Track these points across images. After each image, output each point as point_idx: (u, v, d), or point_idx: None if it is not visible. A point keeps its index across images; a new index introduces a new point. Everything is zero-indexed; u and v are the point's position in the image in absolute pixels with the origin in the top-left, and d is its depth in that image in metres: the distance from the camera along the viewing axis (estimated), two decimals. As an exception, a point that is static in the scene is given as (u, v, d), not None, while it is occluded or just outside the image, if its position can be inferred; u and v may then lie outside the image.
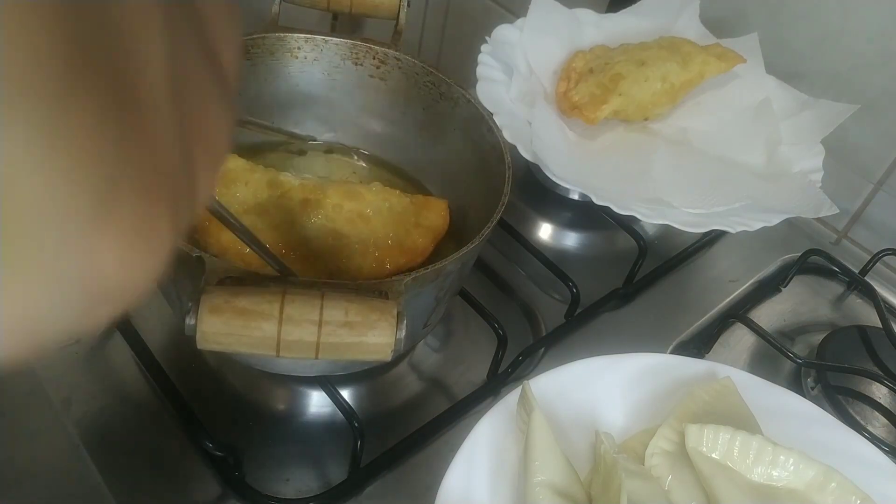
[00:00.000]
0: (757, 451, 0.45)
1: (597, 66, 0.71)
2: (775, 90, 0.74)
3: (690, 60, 0.70)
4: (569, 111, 0.70)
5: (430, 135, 0.60)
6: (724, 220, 0.62)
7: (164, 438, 0.50)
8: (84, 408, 0.50)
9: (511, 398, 0.47)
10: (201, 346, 0.36)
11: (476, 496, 0.44)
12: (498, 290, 0.64)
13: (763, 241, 0.71)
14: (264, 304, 0.36)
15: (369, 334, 0.37)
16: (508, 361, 0.57)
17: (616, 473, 0.42)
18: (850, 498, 0.44)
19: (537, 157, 0.63)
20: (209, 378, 0.54)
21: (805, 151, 0.70)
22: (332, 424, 0.52)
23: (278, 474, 0.49)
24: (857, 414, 0.58)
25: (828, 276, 0.73)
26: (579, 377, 0.50)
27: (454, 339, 0.60)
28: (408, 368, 0.57)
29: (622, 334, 0.63)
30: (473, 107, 0.57)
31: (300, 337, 0.36)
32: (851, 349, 0.63)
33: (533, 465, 0.43)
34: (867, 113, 0.71)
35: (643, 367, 0.51)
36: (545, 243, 0.70)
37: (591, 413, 0.49)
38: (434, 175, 0.62)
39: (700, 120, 0.73)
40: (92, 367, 0.53)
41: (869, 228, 0.78)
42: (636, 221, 0.67)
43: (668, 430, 0.47)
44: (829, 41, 0.74)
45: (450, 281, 0.48)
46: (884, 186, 0.76)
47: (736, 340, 0.65)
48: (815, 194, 0.66)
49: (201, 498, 0.47)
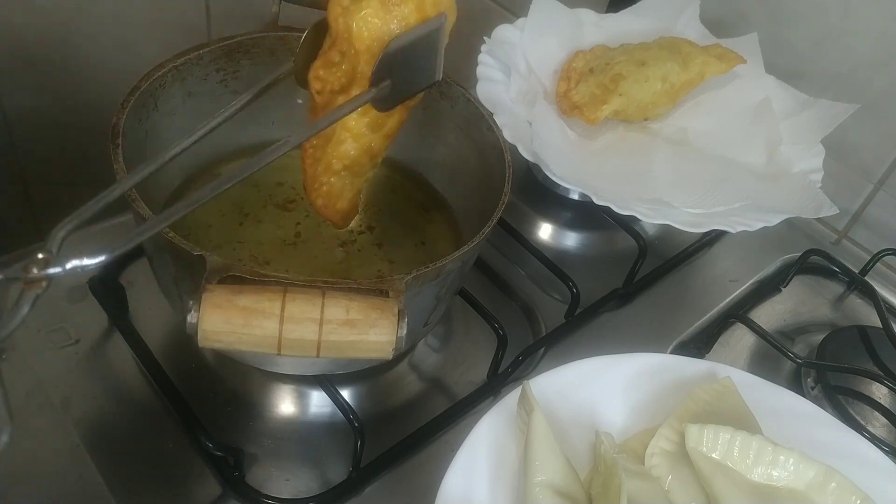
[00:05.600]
0: (757, 451, 0.45)
1: (597, 66, 0.71)
2: (775, 90, 0.74)
3: (691, 61, 0.70)
4: (569, 111, 0.70)
5: (430, 134, 0.60)
6: (725, 220, 0.62)
7: (164, 438, 0.50)
8: (84, 408, 0.50)
9: (511, 398, 0.47)
10: (202, 345, 0.36)
11: (476, 496, 0.44)
12: (498, 290, 0.64)
13: (763, 241, 0.71)
14: (265, 302, 0.36)
15: (370, 332, 0.37)
16: (508, 361, 0.57)
17: (616, 473, 0.42)
18: (850, 498, 0.44)
19: (537, 157, 0.63)
20: (209, 378, 0.54)
21: (805, 151, 0.70)
22: (332, 424, 0.52)
23: (278, 474, 0.49)
24: (857, 414, 0.58)
25: (828, 276, 0.73)
26: (579, 377, 0.50)
27: (454, 339, 0.60)
28: (408, 368, 0.57)
29: (622, 334, 0.63)
30: (473, 106, 0.57)
31: (301, 335, 0.36)
32: (851, 349, 0.63)
33: (533, 465, 0.43)
34: (867, 113, 0.71)
35: (643, 367, 0.51)
36: (545, 243, 0.70)
37: (591, 413, 0.49)
38: (434, 173, 0.62)
39: (700, 120, 0.73)
40: (92, 367, 0.53)
41: (869, 228, 0.78)
42: (636, 221, 0.67)
43: (668, 430, 0.47)
44: (829, 41, 0.74)
45: (450, 280, 0.48)
46: (884, 186, 0.76)
47: (736, 340, 0.65)
48: (815, 194, 0.66)
49: (201, 498, 0.47)
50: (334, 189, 0.47)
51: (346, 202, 0.49)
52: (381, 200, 0.61)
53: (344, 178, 0.47)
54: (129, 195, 0.43)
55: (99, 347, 0.54)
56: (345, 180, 0.47)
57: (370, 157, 0.46)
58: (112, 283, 0.56)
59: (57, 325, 0.54)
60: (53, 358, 0.52)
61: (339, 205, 0.48)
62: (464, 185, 0.59)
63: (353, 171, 0.46)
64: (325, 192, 0.47)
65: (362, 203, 0.53)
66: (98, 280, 0.55)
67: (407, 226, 0.59)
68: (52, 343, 0.53)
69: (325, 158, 0.45)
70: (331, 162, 0.45)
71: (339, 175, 0.46)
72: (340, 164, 0.45)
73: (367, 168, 0.47)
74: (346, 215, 0.50)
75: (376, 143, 0.45)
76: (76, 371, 0.52)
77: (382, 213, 0.60)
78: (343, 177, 0.47)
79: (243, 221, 0.56)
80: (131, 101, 0.48)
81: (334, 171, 0.46)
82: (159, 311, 0.56)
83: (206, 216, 0.56)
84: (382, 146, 0.46)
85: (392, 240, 0.58)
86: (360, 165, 0.46)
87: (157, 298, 0.53)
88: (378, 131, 0.45)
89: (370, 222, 0.59)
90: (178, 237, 0.41)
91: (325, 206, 0.48)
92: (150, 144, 0.51)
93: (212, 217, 0.56)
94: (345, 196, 0.48)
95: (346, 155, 0.45)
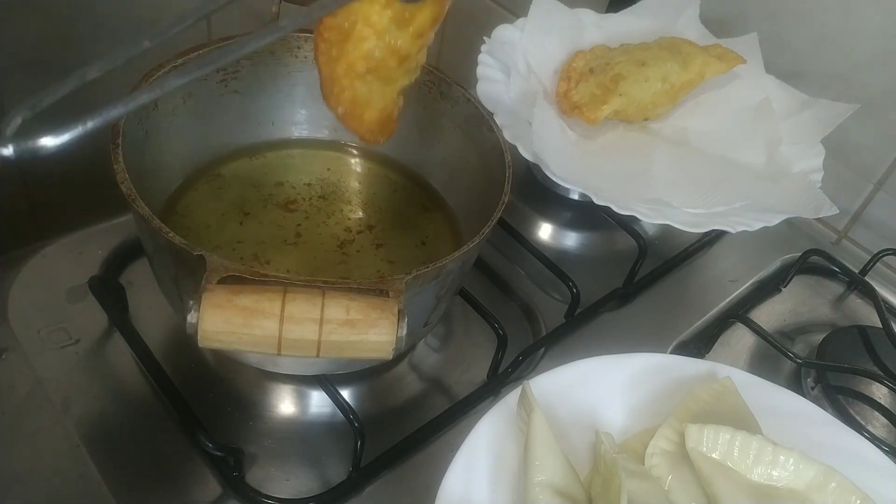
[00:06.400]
0: (757, 451, 0.45)
1: (597, 66, 0.71)
2: (775, 90, 0.74)
3: (691, 61, 0.70)
4: (569, 111, 0.70)
5: (430, 134, 0.60)
6: (725, 220, 0.62)
7: (164, 438, 0.50)
8: (84, 408, 0.50)
9: (511, 398, 0.47)
10: (203, 345, 0.36)
11: (476, 496, 0.44)
12: (498, 290, 0.64)
13: (763, 241, 0.71)
14: (265, 302, 0.36)
15: (370, 332, 0.37)
16: (508, 361, 0.57)
17: (616, 473, 0.42)
18: (850, 498, 0.44)
19: (537, 157, 0.63)
20: (209, 378, 0.54)
21: (805, 151, 0.70)
22: (332, 424, 0.52)
23: (278, 474, 0.49)
24: (857, 414, 0.59)
25: (828, 276, 0.73)
26: (579, 377, 0.50)
27: (454, 339, 0.60)
28: (408, 368, 0.57)
29: (622, 334, 0.63)
30: (473, 106, 0.57)
31: (301, 335, 0.36)
32: (851, 349, 0.63)
33: (533, 465, 0.43)
34: (867, 113, 0.71)
35: (643, 367, 0.51)
36: (545, 243, 0.70)
37: (591, 413, 0.49)
38: (434, 173, 0.62)
39: (700, 120, 0.73)
40: (92, 367, 0.53)
41: (869, 228, 0.78)
42: (636, 221, 0.67)
43: (668, 430, 0.47)
44: (829, 41, 0.75)
45: (450, 280, 0.48)
46: (884, 186, 0.76)
47: (736, 340, 0.65)
48: (815, 194, 0.66)
49: (201, 498, 0.47)
50: (359, 95, 0.40)
51: (377, 112, 0.42)
52: (381, 200, 0.61)
53: (370, 83, 0.40)
54: (129, 195, 0.43)
55: (99, 347, 0.54)
56: (371, 86, 0.40)
57: (398, 58, 0.40)
58: (112, 283, 0.56)
59: (57, 325, 0.54)
60: (53, 358, 0.52)
61: (367, 114, 0.42)
62: (464, 185, 0.59)
63: (380, 75, 0.40)
64: (349, 98, 0.40)
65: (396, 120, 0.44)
66: (98, 280, 0.55)
67: (407, 226, 0.59)
68: (52, 343, 0.53)
69: (346, 58, 0.39)
70: (353, 62, 0.39)
71: (363, 79, 0.40)
72: (364, 65, 0.39)
73: (398, 74, 0.41)
74: (377, 128, 0.43)
75: (404, 43, 0.39)
76: (76, 371, 0.52)
77: (382, 213, 0.60)
78: (369, 82, 0.40)
79: (244, 221, 0.56)
80: (131, 101, 0.48)
81: (358, 74, 0.40)
82: (159, 311, 0.56)
83: (206, 216, 0.56)
84: (413, 48, 0.40)
85: (392, 240, 0.58)
86: (387, 69, 0.40)
87: (157, 298, 0.53)
88: (405, 28, 0.39)
89: (370, 222, 0.59)
90: (178, 237, 0.41)
91: (348, 115, 0.41)
92: (150, 144, 0.51)
93: (212, 217, 0.56)
94: (374, 105, 0.41)
95: (369, 55, 0.39)
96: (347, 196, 0.60)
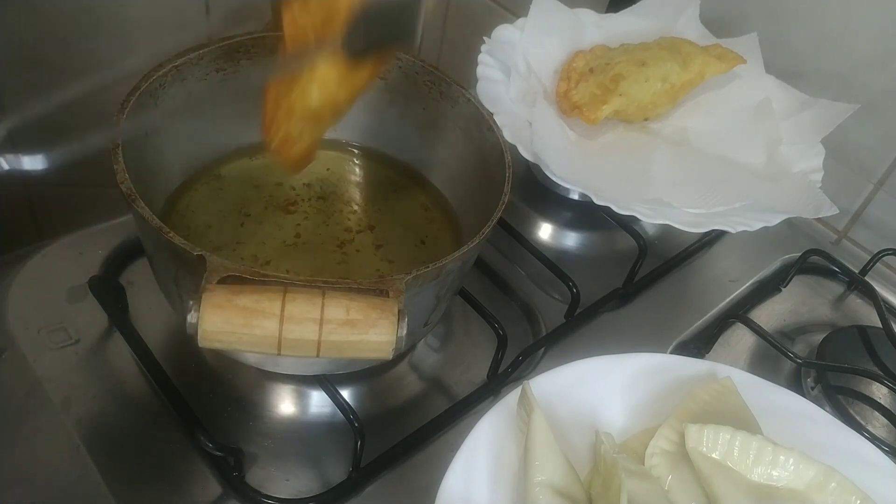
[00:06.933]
0: (757, 451, 0.45)
1: (597, 66, 0.71)
2: (775, 90, 0.74)
3: (691, 61, 0.70)
4: (569, 111, 0.70)
5: (430, 134, 0.60)
6: (725, 220, 0.62)
7: (164, 438, 0.50)
8: (84, 408, 0.50)
9: (511, 398, 0.47)
10: (202, 345, 0.36)
11: (476, 496, 0.44)
12: (498, 290, 0.64)
13: (763, 241, 0.71)
14: (265, 302, 0.36)
15: (370, 332, 0.37)
16: (508, 361, 0.57)
17: (616, 473, 0.42)
18: (850, 498, 0.44)
19: (537, 157, 0.63)
20: (209, 378, 0.54)
21: (805, 151, 0.70)
22: (332, 424, 0.52)
23: (278, 474, 0.49)
24: (857, 414, 0.59)
25: (828, 276, 0.73)
26: (579, 377, 0.50)
27: (454, 339, 0.60)
28: (408, 368, 0.57)
29: (622, 334, 0.63)
30: (473, 106, 0.57)
31: (301, 335, 0.36)
32: (851, 349, 0.63)
33: (533, 465, 0.43)
34: (867, 113, 0.71)
35: (643, 367, 0.51)
36: (545, 243, 0.70)
37: (591, 413, 0.49)
38: (434, 173, 0.62)
39: (700, 120, 0.73)
40: (92, 367, 0.53)
41: (869, 228, 0.78)
42: (636, 221, 0.67)
43: (668, 430, 0.47)
44: (829, 41, 0.75)
45: (450, 280, 0.48)
46: (884, 186, 0.76)
47: (736, 340, 0.65)
48: (815, 194, 0.66)
49: (201, 498, 0.47)
50: (292, 134, 0.47)
51: (302, 149, 0.48)
52: (381, 200, 0.61)
53: (303, 126, 0.46)
54: (129, 195, 0.43)
55: (99, 347, 0.54)
56: (303, 128, 0.46)
57: (333, 110, 0.46)
58: (112, 283, 0.56)
59: (57, 325, 0.54)
60: (53, 358, 0.52)
61: (293, 150, 0.48)
62: (464, 185, 0.59)
63: (313, 121, 0.46)
64: (282, 136, 0.46)
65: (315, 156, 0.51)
66: (98, 280, 0.55)
67: (407, 226, 0.59)
68: (52, 343, 0.53)
69: (288, 104, 0.45)
70: (293, 108, 0.45)
71: (297, 123, 0.46)
72: (302, 113, 0.45)
73: (328, 122, 0.47)
74: (298, 161, 0.49)
75: (342, 96, 0.45)
76: (76, 371, 0.52)
77: (382, 213, 0.60)
78: (302, 125, 0.46)
79: (244, 222, 0.56)
80: (131, 101, 0.48)
81: (294, 118, 0.45)
82: (159, 311, 0.56)
83: (206, 216, 0.56)
84: (346, 103, 0.46)
85: (392, 240, 0.58)
86: (320, 118, 0.46)
87: (157, 298, 0.53)
88: (346, 84, 0.44)
89: (370, 222, 0.59)
90: (178, 237, 0.41)
91: (277, 150, 0.48)
92: (150, 144, 0.51)
93: (212, 217, 0.56)
94: (301, 143, 0.47)
95: (310, 106, 0.45)
96: (347, 196, 0.60)
